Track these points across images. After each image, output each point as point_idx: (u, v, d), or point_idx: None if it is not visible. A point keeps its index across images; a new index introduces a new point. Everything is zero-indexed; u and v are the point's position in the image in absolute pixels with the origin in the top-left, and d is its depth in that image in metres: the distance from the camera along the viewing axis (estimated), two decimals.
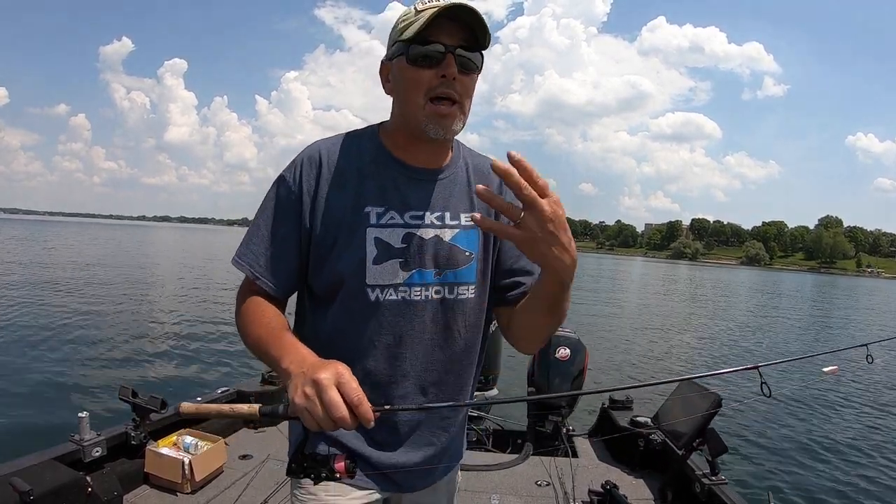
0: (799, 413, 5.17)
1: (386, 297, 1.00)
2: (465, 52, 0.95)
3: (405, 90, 0.98)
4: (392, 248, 1.00)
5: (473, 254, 1.06)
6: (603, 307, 19.05)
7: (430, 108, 0.95)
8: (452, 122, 0.97)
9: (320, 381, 0.74)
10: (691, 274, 63.96)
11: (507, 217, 0.76)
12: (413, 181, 1.03)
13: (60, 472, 2.10)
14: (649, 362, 9.77)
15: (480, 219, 0.78)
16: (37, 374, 6.53)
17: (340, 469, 0.85)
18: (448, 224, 1.04)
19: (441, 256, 1.03)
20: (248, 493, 2.53)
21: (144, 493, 2.48)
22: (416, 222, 1.01)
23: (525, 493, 2.75)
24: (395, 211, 1.01)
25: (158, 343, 8.81)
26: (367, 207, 0.99)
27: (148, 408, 2.53)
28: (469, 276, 1.06)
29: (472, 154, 1.14)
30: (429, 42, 0.93)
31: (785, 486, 4.80)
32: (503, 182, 0.73)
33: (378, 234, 0.99)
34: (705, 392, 2.69)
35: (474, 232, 1.06)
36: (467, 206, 1.07)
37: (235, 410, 0.86)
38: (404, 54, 0.95)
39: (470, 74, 0.97)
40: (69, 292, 13.84)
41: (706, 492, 2.41)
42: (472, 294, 1.07)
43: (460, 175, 1.08)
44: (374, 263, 0.99)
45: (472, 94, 1.00)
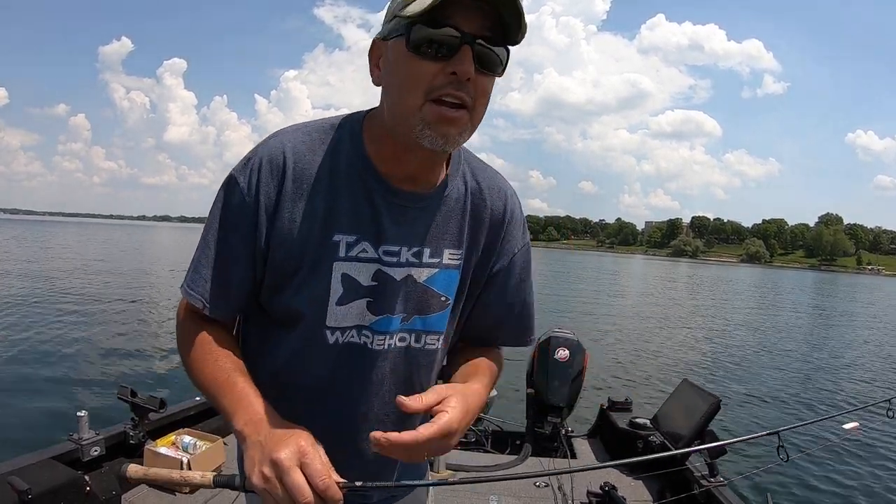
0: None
1: (346, 339, 0.85)
2: (487, 45, 0.71)
3: (399, 84, 0.74)
4: (359, 287, 0.83)
5: (450, 299, 0.88)
6: (603, 307, 19.05)
7: (431, 109, 0.71)
8: (458, 130, 0.74)
9: (280, 462, 0.65)
10: (692, 272, 63.98)
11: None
12: (394, 207, 0.83)
13: (59, 471, 2.09)
14: (650, 363, 9.77)
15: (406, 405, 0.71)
16: (35, 374, 6.54)
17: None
18: (426, 262, 0.85)
19: (411, 300, 0.86)
20: None
21: (143, 493, 2.48)
22: (390, 259, 0.83)
23: (524, 494, 2.75)
24: (369, 242, 0.82)
25: (157, 342, 8.80)
26: (337, 235, 0.81)
27: (146, 407, 2.53)
28: (439, 325, 0.89)
29: (476, 169, 0.91)
30: (441, 24, 0.69)
31: (784, 488, 4.81)
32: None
33: (346, 270, 0.82)
34: (704, 394, 2.69)
35: (455, 273, 0.88)
36: (454, 240, 0.87)
37: (186, 479, 0.77)
38: (405, 35, 0.71)
39: (489, 75, 0.74)
40: (68, 292, 13.85)
41: (705, 493, 2.41)
42: (439, 345, 0.91)
43: (454, 199, 0.87)
44: (337, 304, 0.82)
45: (488, 100, 0.77)
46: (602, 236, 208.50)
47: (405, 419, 0.89)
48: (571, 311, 16.21)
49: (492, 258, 0.92)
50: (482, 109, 0.76)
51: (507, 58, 0.75)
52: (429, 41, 0.69)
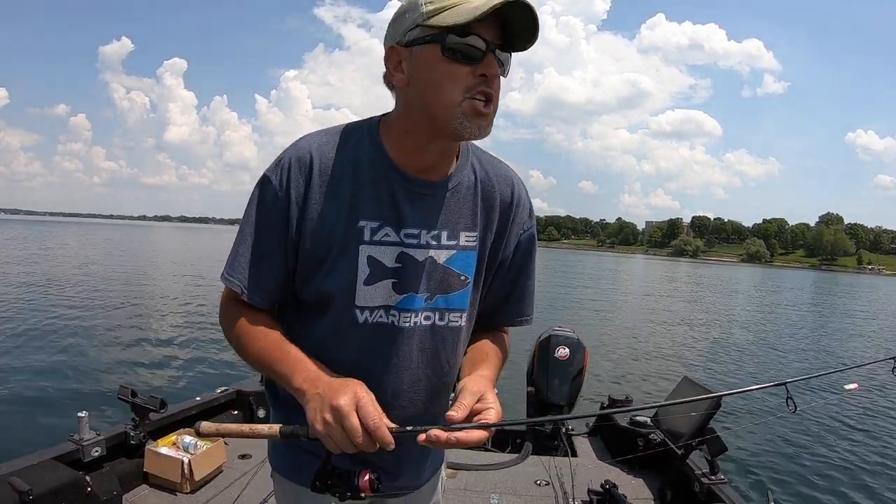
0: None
1: (375, 320, 0.92)
2: (502, 53, 0.84)
3: (437, 84, 0.83)
4: (384, 269, 0.91)
5: (469, 278, 0.97)
6: (603, 306, 19.05)
7: (470, 104, 0.82)
8: (488, 122, 0.85)
9: (340, 408, 0.75)
10: (692, 271, 63.94)
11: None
12: (413, 194, 0.91)
13: (60, 471, 2.10)
14: (650, 361, 9.77)
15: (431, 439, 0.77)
16: (36, 374, 6.54)
17: (364, 486, 0.82)
18: (444, 244, 0.94)
19: (433, 280, 0.94)
20: (248, 492, 2.53)
21: (144, 493, 2.48)
22: (412, 241, 0.92)
23: (524, 492, 2.75)
24: (391, 227, 0.91)
25: (158, 343, 8.82)
26: (362, 221, 0.89)
27: (147, 407, 2.54)
28: (461, 303, 0.97)
29: (482, 159, 1.01)
30: (466, 34, 0.80)
31: (785, 485, 4.80)
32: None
33: (371, 253, 0.90)
34: (705, 391, 2.69)
35: (472, 254, 0.97)
36: (469, 224, 0.96)
37: (255, 431, 0.84)
38: (439, 43, 0.81)
39: (502, 77, 0.87)
40: (69, 292, 13.86)
41: (705, 491, 2.41)
42: (462, 322, 0.99)
43: (465, 187, 0.96)
44: (364, 284, 0.90)
45: (498, 94, 0.88)
46: (602, 236, 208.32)
47: (434, 397, 1.02)
48: (572, 310, 16.22)
49: (504, 239, 1.01)
50: (497, 104, 0.87)
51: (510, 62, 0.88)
52: (462, 48, 0.81)
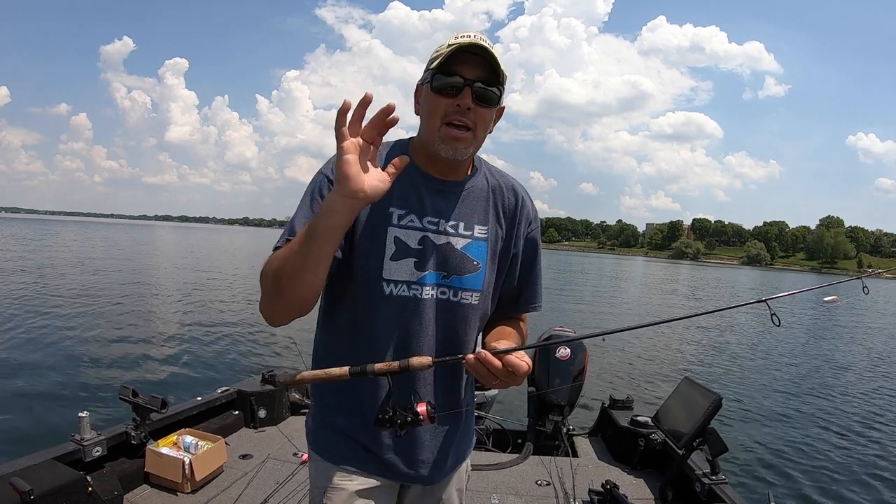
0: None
1: (399, 293, 1.08)
2: (483, 86, 1.03)
3: (427, 113, 1.08)
4: (408, 248, 1.09)
5: (481, 264, 1.14)
6: (604, 307, 19.03)
7: (445, 130, 1.05)
8: (464, 146, 1.06)
9: (344, 161, 0.85)
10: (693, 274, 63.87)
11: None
12: (433, 191, 1.12)
13: (61, 471, 2.10)
14: (651, 361, 9.76)
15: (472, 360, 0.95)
16: (37, 374, 6.54)
17: (423, 412, 0.95)
18: (461, 233, 1.13)
19: (450, 262, 1.12)
20: (249, 492, 2.54)
21: (145, 493, 2.48)
22: (433, 227, 1.11)
23: (525, 492, 2.75)
24: (415, 214, 1.10)
25: (159, 343, 8.82)
26: (391, 208, 1.09)
27: (148, 407, 2.54)
28: (474, 284, 1.14)
29: (494, 172, 1.22)
30: (451, 74, 1.03)
31: (785, 485, 4.80)
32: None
33: (398, 234, 1.08)
34: (705, 391, 2.69)
35: (485, 244, 1.15)
36: (482, 219, 1.16)
37: (329, 374, 0.97)
38: (430, 82, 1.06)
39: (488, 107, 1.06)
40: (70, 291, 13.85)
41: (706, 491, 2.41)
42: (475, 301, 1.15)
43: (479, 189, 1.17)
44: (391, 259, 1.08)
45: (488, 125, 1.09)
46: (603, 238, 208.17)
47: (449, 367, 1.12)
48: (573, 311, 16.20)
49: (513, 237, 1.20)
50: (482, 132, 1.09)
51: (500, 95, 1.07)
52: (443, 85, 1.04)
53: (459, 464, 1.29)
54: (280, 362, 7.60)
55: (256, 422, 3.27)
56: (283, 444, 3.08)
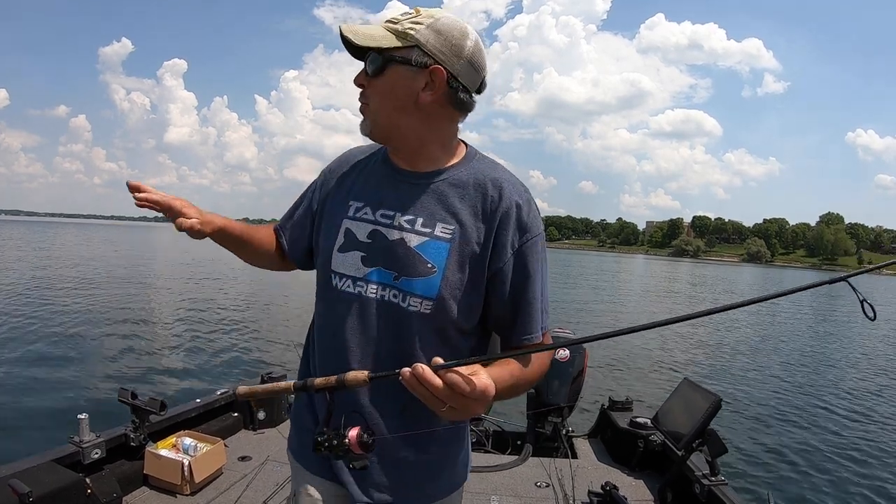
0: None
1: (344, 287, 1.03)
2: (364, 61, 1.00)
3: None
4: (356, 241, 1.03)
5: (437, 268, 0.97)
6: (604, 307, 19.03)
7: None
8: (366, 122, 1.02)
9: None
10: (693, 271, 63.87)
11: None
12: (397, 182, 1.05)
13: (60, 473, 2.10)
14: (650, 362, 9.76)
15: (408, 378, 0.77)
16: (36, 376, 6.55)
17: (352, 438, 0.83)
18: (418, 230, 1.00)
19: (400, 260, 0.99)
20: (248, 494, 2.54)
21: (144, 495, 2.48)
22: (385, 220, 1.02)
23: (525, 494, 2.75)
24: (370, 207, 1.05)
25: (158, 345, 8.82)
26: (350, 201, 1.08)
27: (147, 409, 2.54)
28: (426, 290, 0.97)
29: (487, 168, 1.05)
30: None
31: (785, 486, 4.80)
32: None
33: (349, 226, 1.05)
34: (705, 392, 2.69)
35: (445, 245, 0.98)
36: (448, 217, 1.00)
37: (275, 387, 0.97)
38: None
39: (376, 77, 0.98)
40: (69, 293, 13.86)
41: (706, 492, 2.41)
42: (425, 309, 0.97)
43: (455, 183, 1.02)
44: (339, 251, 1.04)
45: (383, 94, 0.99)
46: (603, 236, 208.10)
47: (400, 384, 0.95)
48: (572, 311, 16.20)
49: (490, 244, 0.99)
50: (377, 101, 1.00)
51: (381, 59, 0.96)
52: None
53: (443, 496, 1.11)
54: (279, 364, 7.59)
55: (255, 424, 3.27)
56: (283, 445, 3.07)
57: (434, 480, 1.09)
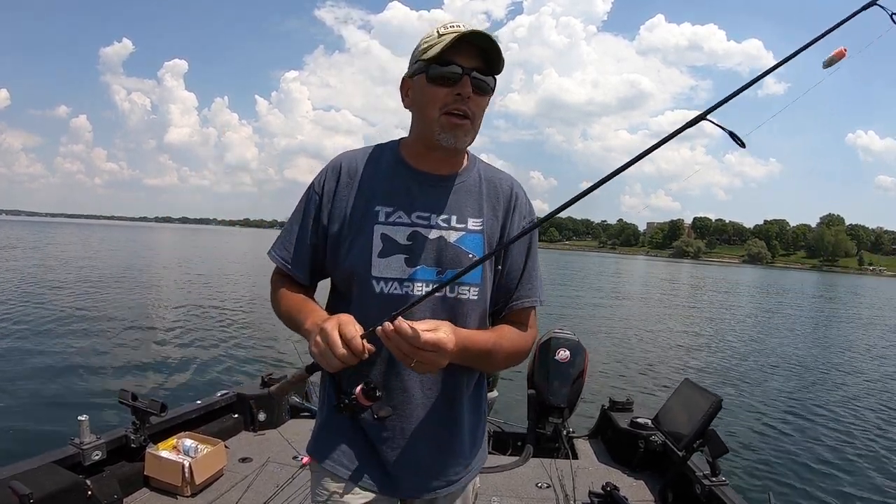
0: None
1: (390, 290, 1.06)
2: (479, 76, 1.04)
3: (424, 104, 1.06)
4: (397, 244, 1.07)
5: (478, 257, 1.10)
6: (604, 308, 19.01)
7: (445, 118, 1.04)
8: (464, 133, 1.06)
9: (324, 328, 0.93)
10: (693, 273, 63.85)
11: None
12: (423, 185, 1.11)
13: (60, 475, 2.10)
14: (651, 363, 9.75)
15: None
16: (37, 378, 6.54)
17: (357, 393, 0.98)
18: (454, 226, 1.10)
19: (444, 256, 1.08)
20: (248, 495, 2.53)
21: (144, 497, 2.48)
22: (422, 222, 1.09)
23: (525, 495, 2.75)
24: (403, 210, 1.09)
25: (158, 346, 8.81)
26: (377, 207, 1.09)
27: (147, 411, 2.54)
28: (472, 278, 1.09)
29: (487, 168, 1.20)
30: (448, 63, 1.02)
31: (786, 487, 4.79)
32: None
33: (385, 231, 1.08)
34: (706, 393, 2.69)
35: (480, 236, 1.12)
36: (476, 212, 1.13)
37: (294, 376, 1.12)
38: (424, 73, 1.05)
39: (483, 96, 1.06)
40: (69, 294, 13.86)
41: (706, 493, 2.41)
42: (473, 295, 1.10)
43: (472, 182, 1.15)
44: (379, 257, 1.07)
45: (483, 113, 1.09)
46: (604, 237, 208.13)
47: (448, 367, 1.05)
48: (572, 312, 16.18)
49: (507, 229, 1.16)
50: (479, 120, 1.09)
51: (495, 83, 1.08)
52: (442, 75, 1.03)
53: (467, 479, 1.21)
54: (280, 365, 7.59)
55: (256, 425, 3.27)
56: (283, 447, 3.08)
57: (462, 454, 1.18)
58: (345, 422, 1.12)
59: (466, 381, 1.16)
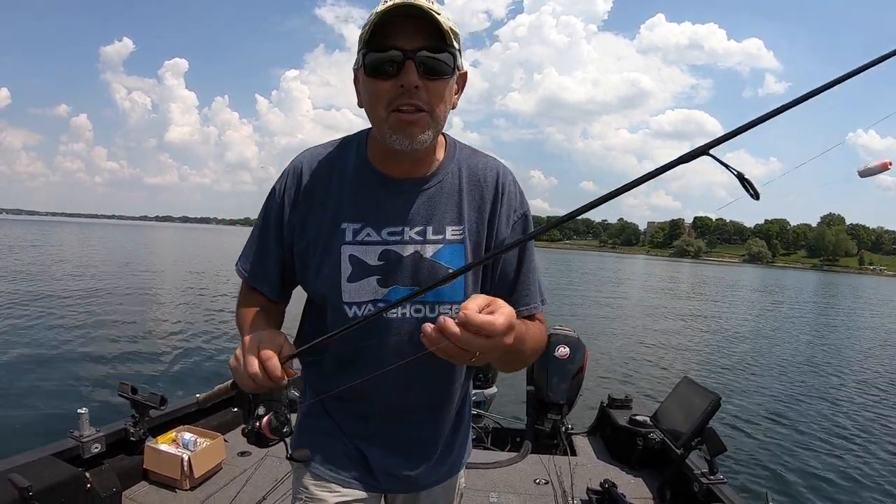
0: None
1: (364, 312, 0.96)
2: (429, 54, 0.83)
3: (368, 104, 0.89)
4: (367, 267, 0.96)
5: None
6: (604, 306, 19.02)
7: (393, 116, 0.86)
8: (420, 129, 0.86)
9: (244, 341, 0.83)
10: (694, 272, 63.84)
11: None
12: (393, 193, 0.97)
13: (59, 468, 2.10)
14: (650, 360, 9.76)
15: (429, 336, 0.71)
16: (36, 371, 6.55)
17: (263, 427, 0.89)
18: (430, 239, 0.97)
19: (420, 273, 0.96)
20: (247, 489, 2.54)
21: (143, 490, 2.49)
22: (394, 238, 0.96)
23: (524, 491, 2.75)
24: (372, 227, 0.96)
25: (158, 340, 8.83)
26: (343, 224, 0.96)
27: (147, 404, 2.54)
28: (453, 295, 0.96)
29: (471, 155, 1.03)
30: (387, 48, 0.83)
31: (784, 485, 4.80)
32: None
33: (353, 252, 0.96)
34: (704, 391, 2.69)
35: (460, 247, 0.97)
36: (455, 218, 0.98)
37: (220, 389, 1.02)
38: (363, 64, 0.86)
39: (438, 79, 0.85)
40: (70, 290, 13.88)
41: (704, 491, 2.41)
42: (453, 313, 0.97)
43: (449, 183, 0.99)
44: (349, 281, 0.96)
45: (447, 99, 0.89)
46: (605, 236, 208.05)
47: (431, 389, 1.05)
48: (572, 309, 16.19)
49: (494, 229, 1.00)
50: (440, 109, 0.88)
51: (455, 60, 0.87)
52: (380, 64, 0.84)
53: (451, 474, 1.16)
54: None
55: (255, 418, 3.26)
56: None
57: (450, 452, 1.14)
58: (324, 419, 1.09)
59: (453, 378, 1.08)
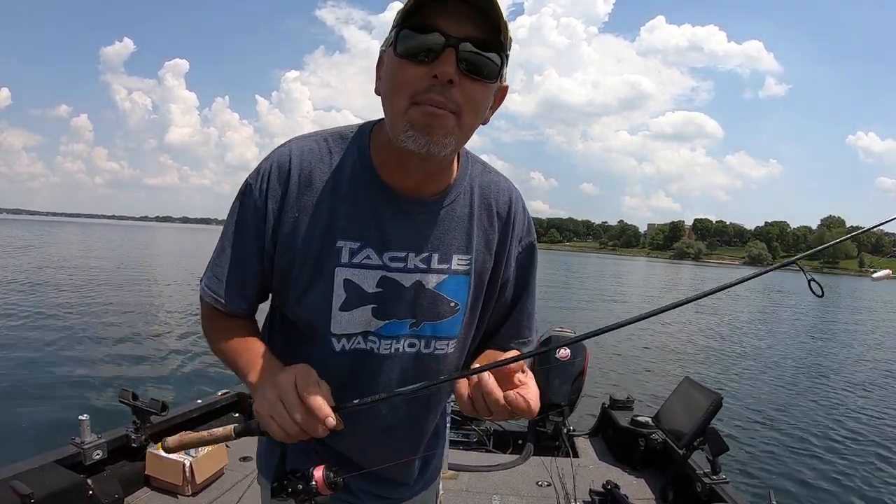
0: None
1: (353, 346, 0.85)
2: (474, 49, 0.69)
3: (388, 90, 0.74)
4: (364, 294, 0.83)
5: (460, 305, 0.88)
6: (604, 308, 19.00)
7: (415, 110, 0.70)
8: (442, 133, 0.71)
9: (279, 384, 0.71)
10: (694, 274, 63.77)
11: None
12: (399, 211, 0.83)
13: (61, 475, 2.10)
14: (651, 361, 9.75)
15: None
16: (37, 377, 6.54)
17: (318, 478, 0.75)
18: (434, 268, 0.85)
19: (421, 306, 0.86)
20: (249, 495, 2.53)
21: (145, 496, 2.48)
22: (397, 265, 0.83)
23: (526, 493, 2.75)
24: (372, 248, 0.82)
25: (159, 346, 8.81)
26: (339, 241, 0.82)
27: (148, 410, 2.54)
28: (451, 330, 0.89)
29: (482, 171, 0.91)
30: (428, 29, 0.68)
31: (786, 485, 4.79)
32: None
33: (349, 276, 0.82)
34: (706, 391, 2.69)
35: (465, 278, 0.88)
36: (462, 245, 0.87)
37: (213, 435, 0.80)
38: (393, 43, 0.71)
39: (481, 81, 0.71)
40: (70, 294, 13.86)
41: (707, 491, 2.41)
42: (451, 349, 0.90)
43: (461, 205, 0.87)
44: (341, 310, 0.83)
45: (481, 108, 0.74)
46: (605, 238, 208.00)
47: (414, 425, 0.96)
48: (573, 311, 16.18)
49: (503, 260, 0.92)
50: (471, 117, 0.73)
51: (503, 64, 0.73)
52: (415, 47, 0.69)
53: (432, 481, 1.11)
54: None
55: None
56: None
57: (428, 469, 1.08)
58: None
59: (435, 415, 1.01)
